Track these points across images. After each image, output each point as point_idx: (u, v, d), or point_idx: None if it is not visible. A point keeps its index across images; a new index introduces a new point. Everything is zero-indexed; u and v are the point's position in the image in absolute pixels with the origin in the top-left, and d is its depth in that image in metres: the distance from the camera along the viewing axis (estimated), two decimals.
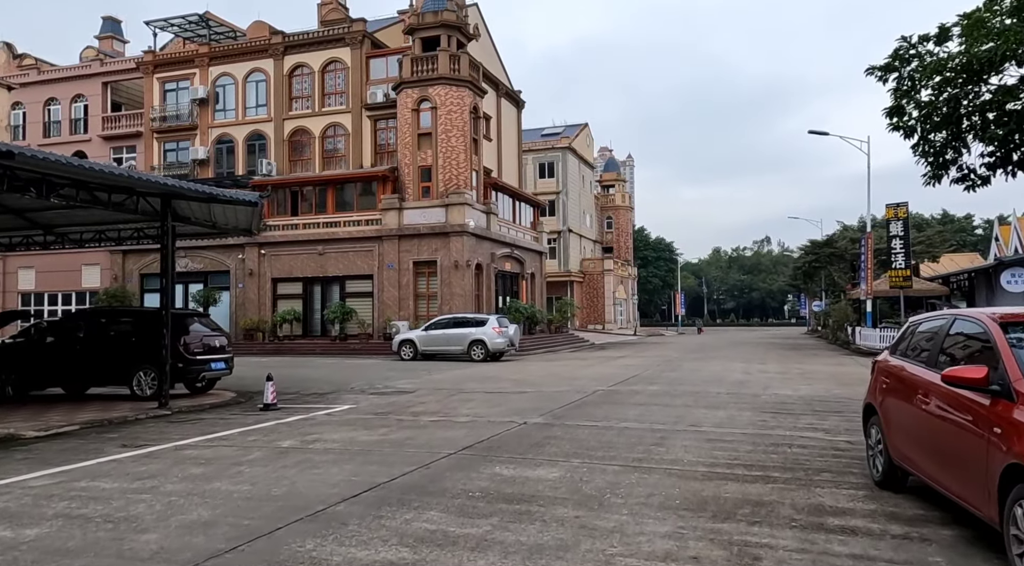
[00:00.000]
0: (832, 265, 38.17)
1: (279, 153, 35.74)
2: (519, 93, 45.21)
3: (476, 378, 17.92)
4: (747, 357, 26.13)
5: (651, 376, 17.83)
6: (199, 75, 37.18)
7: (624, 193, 69.73)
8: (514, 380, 17.26)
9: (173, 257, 16.38)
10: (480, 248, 32.58)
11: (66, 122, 40.08)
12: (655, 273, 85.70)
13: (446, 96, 31.62)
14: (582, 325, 58.76)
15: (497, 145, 41.17)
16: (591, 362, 23.88)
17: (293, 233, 33.17)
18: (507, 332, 25.73)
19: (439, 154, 31.52)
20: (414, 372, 20.42)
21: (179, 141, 37.81)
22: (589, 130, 65.15)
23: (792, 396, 13.29)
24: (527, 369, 20.94)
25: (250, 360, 26.88)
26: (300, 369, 22.36)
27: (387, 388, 15.89)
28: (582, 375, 18.36)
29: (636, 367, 21.12)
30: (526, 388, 15.06)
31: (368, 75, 34.95)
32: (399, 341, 26.61)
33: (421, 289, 31.72)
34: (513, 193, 38.20)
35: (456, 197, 30.91)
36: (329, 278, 32.93)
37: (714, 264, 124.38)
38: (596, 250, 65.57)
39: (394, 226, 31.62)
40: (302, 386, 16.65)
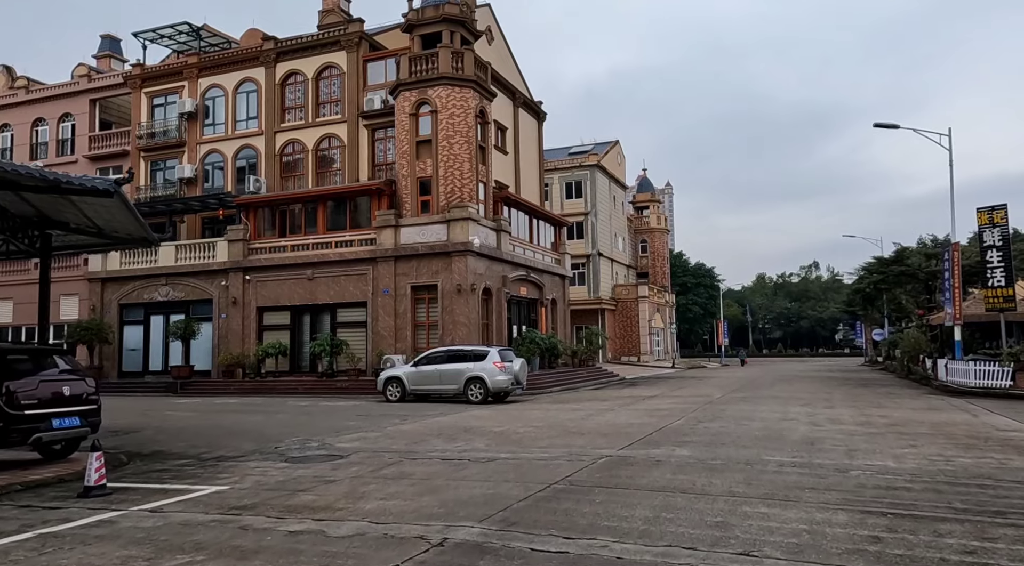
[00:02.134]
0: (900, 286, 32.97)
1: (270, 169, 32.39)
2: (540, 103, 41.43)
3: (449, 431, 13.60)
4: (807, 397, 21.24)
5: (683, 428, 13.26)
6: (188, 88, 34.31)
7: (659, 214, 65.13)
8: (497, 434, 12.90)
9: (48, 274, 12.61)
10: (488, 270, 28.44)
11: (53, 143, 37.60)
12: (695, 300, 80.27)
13: (448, 98, 27.86)
14: (615, 357, 53.93)
15: (514, 159, 37.30)
16: (612, 404, 19.33)
17: (280, 256, 29.56)
18: (512, 367, 21.38)
19: (440, 163, 27.67)
20: (385, 419, 16.21)
21: (166, 159, 34.86)
22: (620, 148, 61.03)
23: (899, 470, 8.66)
24: (526, 416, 16.52)
25: (212, 402, 23.04)
26: (256, 414, 18.35)
27: (320, 448, 11.69)
28: (591, 427, 13.88)
29: (666, 413, 16.52)
30: (502, 451, 10.69)
31: (365, 80, 31.52)
32: (384, 379, 22.47)
33: (420, 318, 27.64)
34: (530, 209, 34.11)
35: (458, 212, 26.92)
36: (319, 306, 29.11)
37: (759, 291, 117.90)
38: (630, 275, 60.92)
39: (390, 246, 27.74)
40: (216, 442, 12.60)
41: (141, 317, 32.14)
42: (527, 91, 39.96)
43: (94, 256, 32.53)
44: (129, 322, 32.35)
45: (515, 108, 37.76)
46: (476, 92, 28.57)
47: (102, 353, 31.89)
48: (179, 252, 31.38)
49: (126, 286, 32.14)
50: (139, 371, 31.81)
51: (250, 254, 30.04)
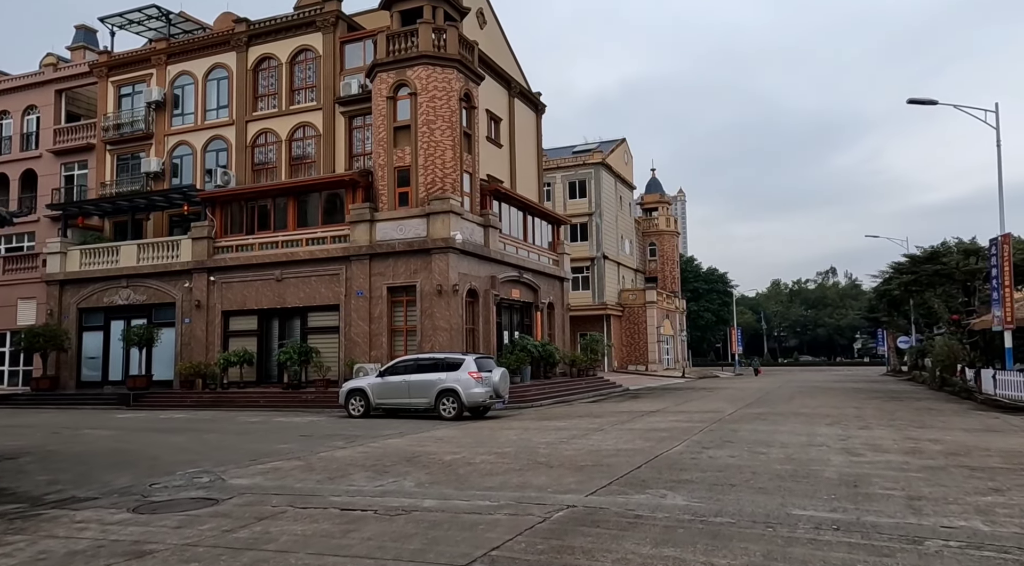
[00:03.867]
0: (933, 288, 29.81)
1: (240, 161, 29.85)
2: (538, 95, 38.71)
3: (388, 460, 10.78)
4: (833, 413, 18.22)
5: (683, 459, 10.35)
6: (156, 76, 31.90)
7: (669, 216, 62.09)
8: (443, 465, 10.05)
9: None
10: (474, 270, 25.66)
11: (17, 137, 35.29)
12: (708, 307, 76.94)
13: (428, 79, 25.19)
14: (621, 366, 50.91)
15: (510, 152, 34.58)
16: (603, 422, 16.42)
17: (247, 255, 26.92)
18: (490, 378, 18.54)
19: (420, 151, 24.97)
20: (327, 441, 13.43)
21: (133, 153, 32.42)
22: (627, 146, 58.15)
23: (1000, 539, 5.75)
24: (496, 437, 13.67)
25: (157, 417, 20.39)
26: (186, 433, 15.64)
27: (206, 486, 8.93)
28: (567, 455, 10.99)
29: (664, 435, 13.60)
30: (430, 496, 7.85)
31: (343, 64, 28.95)
32: (347, 391, 19.69)
33: (398, 322, 24.87)
34: (524, 205, 31.32)
35: (439, 204, 24.18)
36: (288, 310, 26.43)
37: (773, 298, 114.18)
38: (637, 280, 57.91)
39: (364, 243, 25.03)
40: (89, 474, 9.90)
41: (101, 322, 29.61)
42: (524, 81, 37.26)
43: (52, 257, 30.13)
44: (88, 328, 29.83)
45: (510, 98, 35.08)
46: (460, 73, 25.88)
47: (59, 361, 29.36)
48: (141, 252, 28.86)
49: (85, 289, 29.63)
50: (98, 381, 29.24)
51: (215, 253, 27.45)
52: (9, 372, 31.48)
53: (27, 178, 34.99)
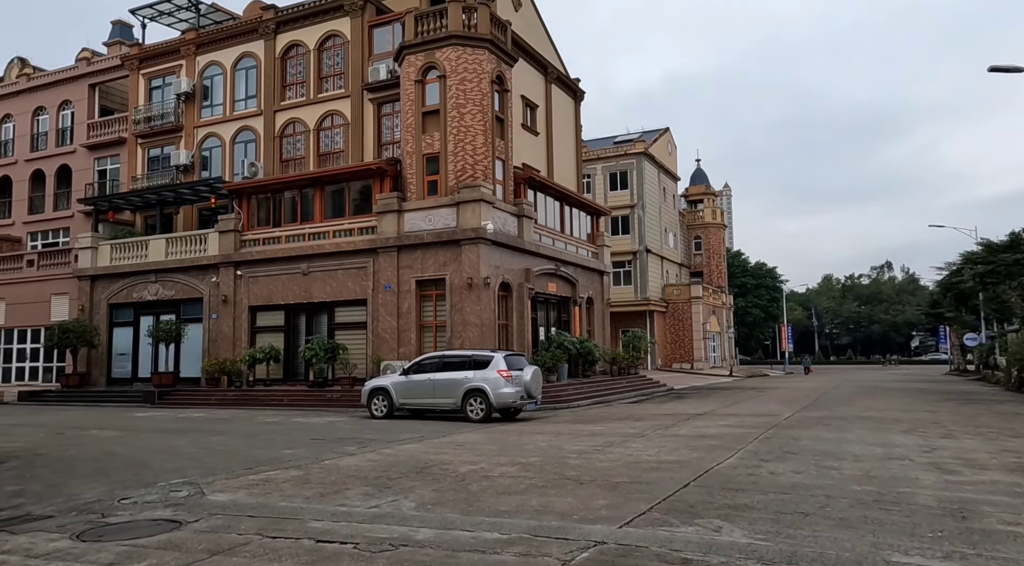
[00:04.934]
0: (1012, 279, 27.17)
1: (269, 152, 29.03)
2: (577, 81, 37.07)
3: (394, 472, 9.43)
4: (905, 418, 16.24)
5: (738, 475, 8.74)
6: (185, 66, 31.34)
7: (715, 209, 59.67)
8: (455, 479, 8.65)
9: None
10: (507, 262, 24.25)
11: (53, 132, 35.25)
12: (756, 303, 73.97)
13: (458, 61, 23.85)
14: (665, 364, 48.94)
15: (546, 141, 33.05)
16: (644, 427, 14.82)
17: (274, 248, 26.04)
18: (521, 377, 17.10)
19: (449, 137, 23.66)
20: (337, 446, 12.19)
21: (163, 146, 31.94)
22: (671, 136, 56.02)
23: None
24: (523, 444, 12.23)
25: (175, 416, 19.55)
26: (193, 435, 14.65)
27: (178, 502, 7.72)
28: (600, 468, 9.48)
29: (714, 443, 11.96)
30: (429, 523, 6.45)
31: (371, 49, 27.83)
32: (369, 390, 18.48)
33: (427, 317, 23.63)
34: (562, 194, 29.76)
35: (469, 192, 22.83)
36: (315, 305, 25.44)
37: (825, 293, 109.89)
38: (682, 275, 55.75)
39: (392, 234, 23.86)
40: (64, 484, 8.88)
41: (131, 318, 29.17)
42: (562, 66, 35.65)
43: (83, 252, 29.81)
44: (119, 324, 29.42)
45: (547, 84, 33.52)
46: (492, 54, 24.47)
47: (89, 358, 29.01)
48: (169, 246, 28.26)
49: (115, 284, 29.21)
50: (128, 377, 28.79)
51: (242, 246, 26.66)
52: (43, 368, 31.35)
53: (62, 173, 34.93)
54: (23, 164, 35.93)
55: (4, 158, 36.66)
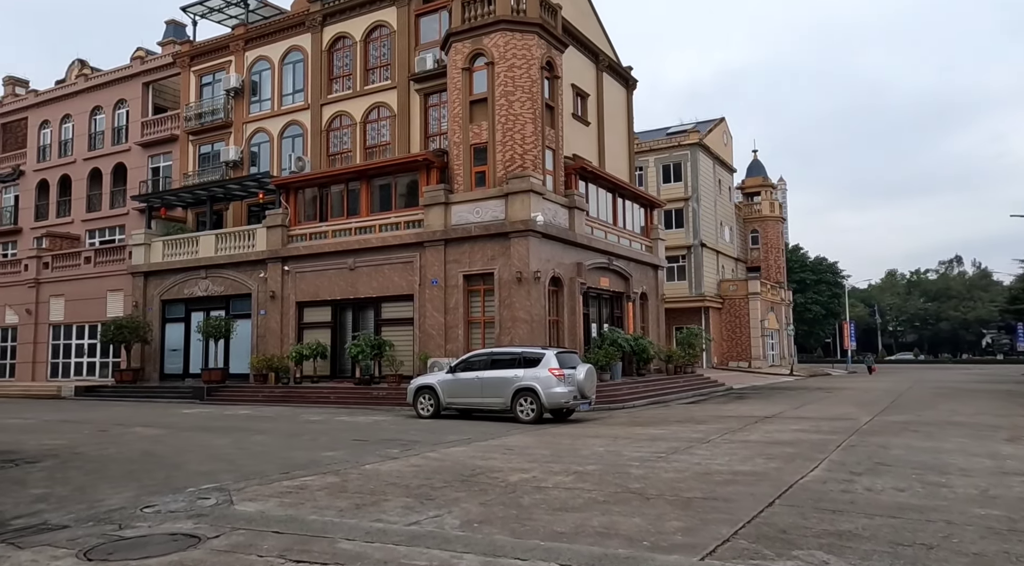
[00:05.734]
0: None
1: (316, 146, 28.74)
2: (629, 70, 35.78)
3: (439, 480, 8.61)
4: (1006, 424, 14.65)
5: (829, 492, 7.61)
6: (234, 62, 31.36)
7: (773, 201, 57.35)
8: (505, 490, 7.77)
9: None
10: (558, 256, 23.30)
11: (109, 131, 35.82)
12: (815, 299, 71.05)
13: (506, 47, 22.98)
14: (721, 362, 47.16)
15: (598, 131, 31.91)
16: (708, 431, 13.68)
17: (320, 243, 25.67)
18: (574, 376, 16.14)
19: (497, 126, 22.82)
20: (379, 448, 11.47)
21: (213, 142, 32.04)
22: (726, 126, 54.02)
23: None
24: (578, 448, 11.28)
25: (222, 413, 19.25)
26: (235, 434, 14.19)
27: (204, 512, 7.07)
28: (667, 479, 8.46)
29: (791, 451, 10.78)
30: (473, 549, 5.56)
31: (418, 39, 27.21)
32: (415, 389, 17.80)
33: (475, 313, 22.87)
34: (614, 185, 28.62)
35: (518, 183, 21.95)
36: (361, 300, 24.96)
37: (888, 289, 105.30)
38: (738, 270, 53.73)
39: (439, 227, 23.16)
40: (93, 488, 8.44)
41: (182, 314, 29.28)
42: (613, 54, 34.43)
43: (137, 248, 30.09)
44: (171, 320, 29.59)
45: (598, 72, 32.36)
46: (542, 39, 23.52)
47: (143, 354, 29.25)
48: (219, 242, 28.23)
49: (167, 280, 29.38)
50: (180, 373, 28.92)
51: (289, 242, 26.39)
52: (99, 364, 31.80)
53: (118, 171, 35.47)
54: (81, 163, 36.66)
55: (64, 157, 37.49)
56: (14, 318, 34.05)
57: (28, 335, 33.43)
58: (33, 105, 38.86)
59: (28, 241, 37.54)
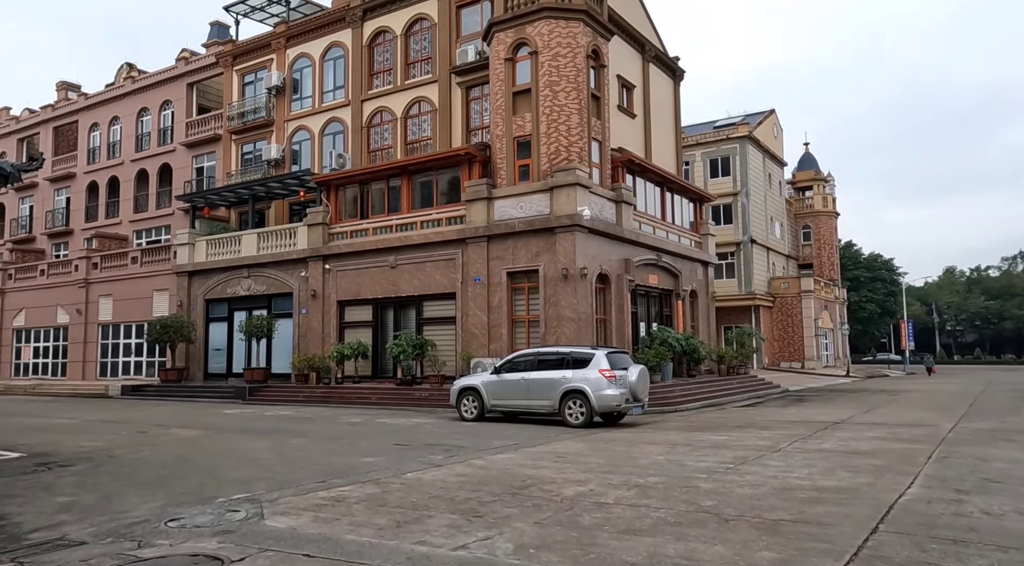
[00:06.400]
0: None
1: (357, 143, 28.35)
2: (676, 60, 34.56)
3: (486, 493, 7.84)
4: None
5: (940, 515, 6.59)
6: (276, 60, 31.20)
7: (825, 196, 55.21)
8: (561, 505, 6.96)
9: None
10: (605, 252, 22.38)
11: (155, 132, 36.14)
12: (870, 297, 68.30)
13: (551, 35, 22.14)
14: (772, 363, 45.48)
15: (644, 124, 30.79)
16: (775, 437, 12.63)
17: (361, 241, 25.22)
18: (626, 378, 15.23)
19: (541, 118, 22.00)
20: (422, 454, 10.78)
21: (255, 141, 31.96)
22: (776, 118, 52.19)
23: None
24: (634, 457, 10.39)
25: (262, 414, 18.90)
26: (275, 436, 13.70)
27: (231, 527, 6.45)
28: (742, 495, 7.54)
29: (875, 462, 9.71)
30: None
31: (459, 30, 26.56)
32: (458, 390, 17.10)
33: (519, 311, 22.10)
34: (662, 178, 27.54)
35: (563, 176, 21.09)
36: (403, 299, 24.42)
37: (946, 287, 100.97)
38: (789, 267, 51.84)
39: (482, 223, 22.46)
40: (121, 495, 7.98)
41: (225, 313, 29.22)
42: (660, 43, 33.26)
43: (182, 248, 30.16)
44: (214, 319, 29.56)
45: (644, 63, 31.25)
46: (587, 27, 22.61)
47: (188, 353, 29.29)
48: (261, 241, 28.05)
49: (211, 279, 29.36)
50: (224, 373, 28.86)
51: (330, 240, 26.02)
52: (146, 363, 32.02)
53: (163, 172, 35.75)
54: (129, 164, 37.09)
55: (112, 159, 38.00)
56: (65, 318, 34.59)
57: (78, 334, 33.91)
58: (83, 108, 39.52)
59: (79, 242, 38.16)
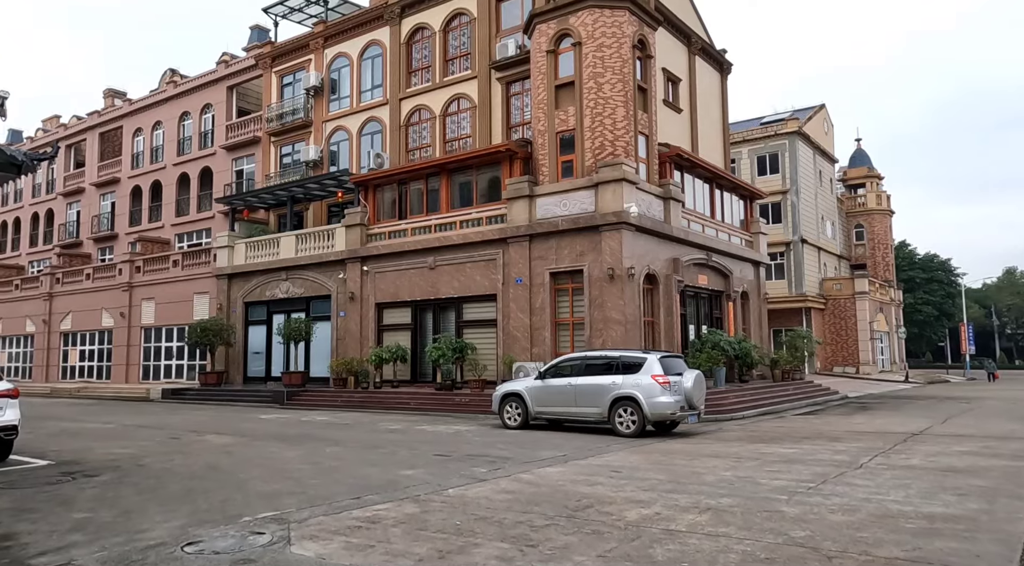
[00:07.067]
0: None
1: (395, 142, 27.80)
2: (723, 52, 33.25)
3: (538, 515, 6.96)
4: None
5: None
6: (314, 61, 30.91)
7: (879, 193, 52.93)
8: (626, 531, 6.03)
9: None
10: (652, 251, 21.32)
11: (196, 136, 36.26)
12: (927, 299, 65.45)
13: (595, 25, 21.22)
14: (824, 367, 43.61)
15: (690, 118, 29.59)
16: (851, 452, 11.47)
17: (399, 242, 24.61)
18: (681, 384, 14.20)
19: (585, 111, 21.08)
20: (464, 467, 9.96)
21: (294, 142, 31.71)
22: (827, 113, 50.25)
23: None
24: (698, 472, 9.39)
25: (298, 420, 18.36)
26: (310, 444, 13.06)
27: (253, 555, 5.68)
28: (838, 524, 6.51)
29: (980, 483, 8.54)
30: None
31: (499, 24, 25.81)
32: (501, 396, 16.24)
33: (562, 314, 21.17)
34: (712, 174, 26.33)
35: (609, 172, 20.12)
36: (442, 301, 23.71)
37: (1006, 289, 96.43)
38: (841, 267, 49.79)
39: (523, 222, 21.61)
40: (142, 511, 7.24)
41: (264, 316, 28.94)
42: (706, 35, 32.01)
43: (221, 251, 30.01)
44: (253, 322, 29.30)
45: (690, 56, 30.05)
46: (633, 15, 21.63)
47: (227, 356, 29.09)
48: (299, 243, 27.68)
49: (250, 282, 29.12)
50: (263, 376, 28.56)
51: (368, 241, 25.48)
52: (187, 366, 31.99)
53: (204, 175, 35.82)
54: (171, 168, 37.29)
55: (155, 163, 38.28)
56: (110, 321, 34.85)
57: (122, 338, 34.11)
58: (127, 113, 39.95)
59: (123, 246, 38.51)
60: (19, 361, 39.77)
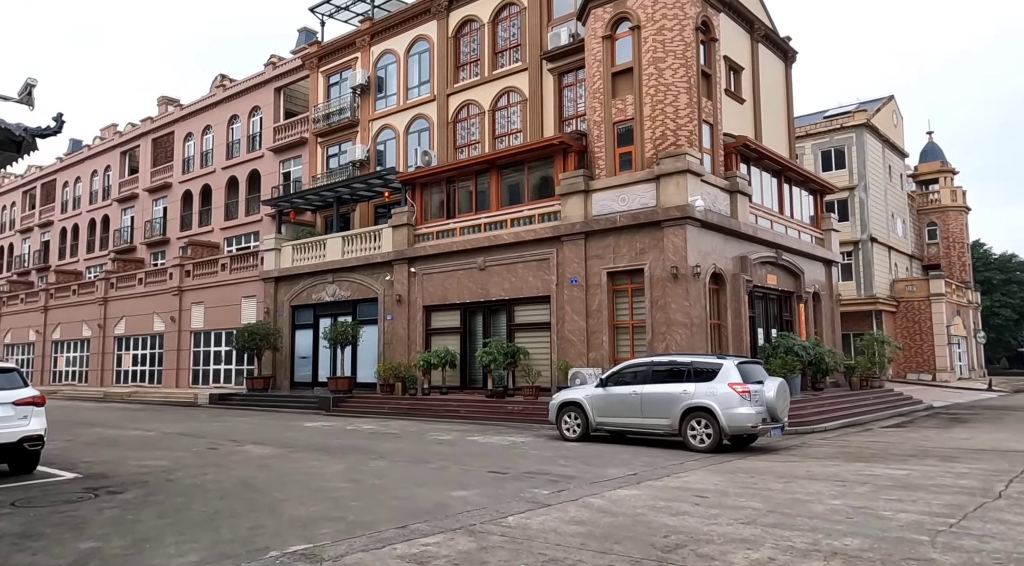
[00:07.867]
0: None
1: (443, 139, 26.85)
2: (788, 40, 31.31)
3: (619, 554, 5.64)
4: None
5: None
6: (360, 59, 30.24)
7: (954, 189, 49.73)
8: None
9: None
10: (718, 248, 19.74)
11: (244, 139, 36.06)
12: (1005, 302, 61.39)
13: (654, 7, 19.81)
14: (897, 373, 40.92)
15: (753, 109, 27.75)
16: (980, 476, 9.81)
17: (448, 242, 23.58)
18: (762, 393, 12.68)
19: (645, 99, 19.67)
20: (524, 487, 8.73)
21: (340, 142, 31.10)
22: (896, 105, 47.45)
23: None
24: (798, 500, 7.94)
25: (343, 428, 17.44)
26: (354, 456, 12.02)
27: None
28: None
29: None
30: None
31: (551, 13, 24.63)
32: (558, 405, 14.94)
33: (621, 316, 19.76)
34: (781, 166, 24.55)
35: (671, 163, 18.66)
36: (493, 303, 22.57)
37: None
38: (913, 268, 46.86)
39: (578, 219, 20.30)
40: (154, 537, 6.12)
41: (311, 320, 28.30)
42: (769, 21, 30.14)
43: (268, 254, 29.55)
44: (300, 326, 28.69)
45: (753, 43, 28.24)
46: None
47: (274, 361, 28.54)
48: (345, 244, 26.95)
49: (296, 285, 28.54)
50: (309, 382, 27.89)
51: (415, 241, 24.55)
52: (235, 371, 31.64)
53: (252, 178, 35.59)
54: (220, 172, 37.22)
55: (205, 168, 38.30)
56: (161, 325, 34.86)
57: (172, 342, 34.06)
58: (178, 119, 40.16)
59: (175, 250, 38.63)
60: (76, 365, 40.29)
